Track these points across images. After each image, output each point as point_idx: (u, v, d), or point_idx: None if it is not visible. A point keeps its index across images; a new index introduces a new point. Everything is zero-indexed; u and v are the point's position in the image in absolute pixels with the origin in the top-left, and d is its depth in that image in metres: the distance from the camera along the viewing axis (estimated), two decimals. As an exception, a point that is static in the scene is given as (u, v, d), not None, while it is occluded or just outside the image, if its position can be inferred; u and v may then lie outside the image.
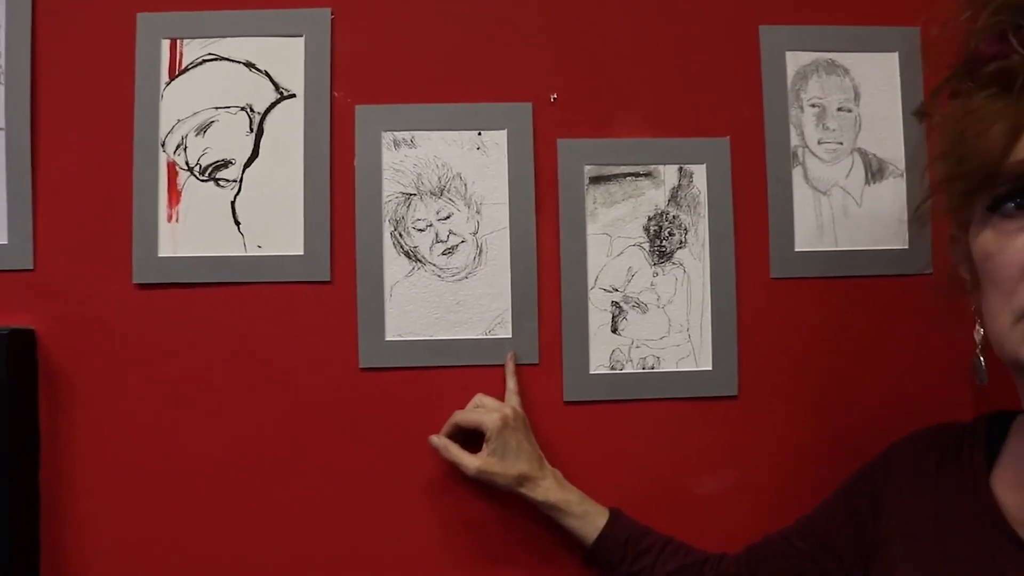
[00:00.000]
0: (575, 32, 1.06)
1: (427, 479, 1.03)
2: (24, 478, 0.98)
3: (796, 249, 1.05)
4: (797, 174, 1.06)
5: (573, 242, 1.04)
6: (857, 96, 1.07)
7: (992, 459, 0.74)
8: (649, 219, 1.05)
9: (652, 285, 1.05)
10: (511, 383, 1.01)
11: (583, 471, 1.02)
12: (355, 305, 1.03)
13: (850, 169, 1.06)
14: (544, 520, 1.00)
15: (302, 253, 1.02)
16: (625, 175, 1.05)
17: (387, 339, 1.03)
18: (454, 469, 0.99)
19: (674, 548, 0.96)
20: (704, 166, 1.05)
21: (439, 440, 0.98)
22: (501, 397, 1.01)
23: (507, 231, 1.04)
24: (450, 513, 1.03)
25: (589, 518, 0.96)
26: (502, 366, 1.03)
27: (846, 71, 1.06)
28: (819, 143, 1.06)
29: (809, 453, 1.04)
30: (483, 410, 0.98)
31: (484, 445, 0.95)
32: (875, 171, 1.06)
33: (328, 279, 1.03)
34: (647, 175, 1.05)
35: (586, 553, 0.97)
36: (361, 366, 1.02)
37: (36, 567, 0.99)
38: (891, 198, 1.06)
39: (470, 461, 0.95)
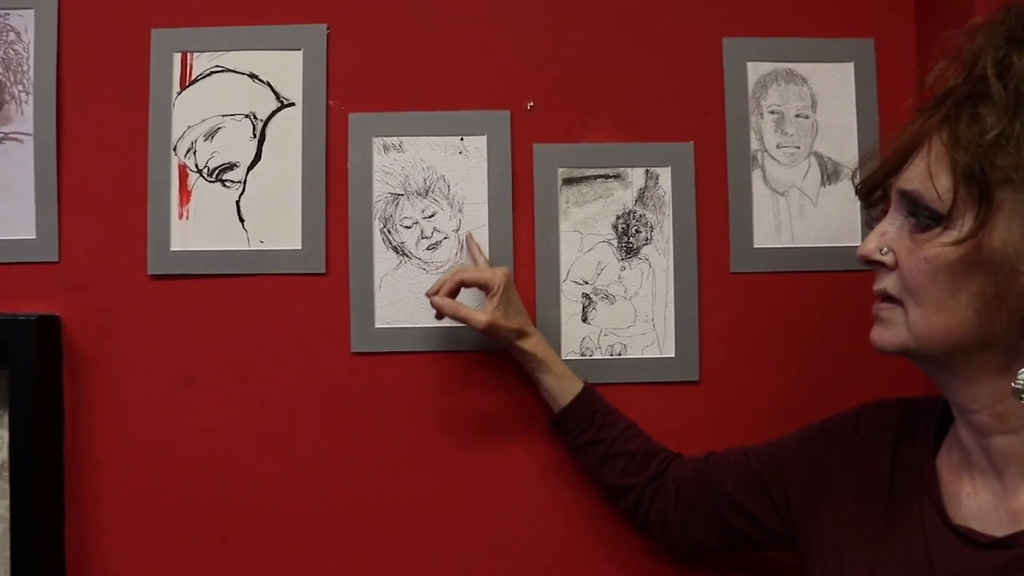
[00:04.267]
0: (551, 44, 1.12)
1: (412, 453, 1.09)
2: (49, 451, 1.06)
3: (755, 246, 1.10)
4: (756, 176, 1.11)
5: (547, 238, 1.10)
6: (814, 103, 1.12)
7: (942, 437, 0.78)
8: (618, 217, 1.10)
9: (620, 278, 1.10)
10: (480, 257, 1.06)
11: (555, 449, 1.09)
12: (348, 295, 1.09)
13: (807, 172, 1.11)
14: (530, 479, 1.07)
15: (300, 247, 1.09)
16: (596, 177, 1.10)
17: (376, 326, 1.09)
18: (439, 441, 1.07)
19: (637, 432, 1.02)
20: (669, 169, 1.10)
21: (445, 301, 0.97)
22: (481, 382, 1.09)
23: (486, 228, 1.09)
24: (436, 482, 1.09)
25: (567, 380, 1.02)
26: (481, 351, 1.09)
27: (804, 80, 1.12)
28: (777, 147, 1.11)
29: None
30: (486, 268, 1.02)
31: (488, 300, 0.98)
32: (830, 173, 1.11)
33: (323, 271, 1.09)
34: (616, 177, 1.10)
35: (556, 415, 1.03)
36: (352, 351, 1.09)
37: (60, 535, 1.07)
38: (845, 199, 1.11)
39: (480, 316, 0.97)
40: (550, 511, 1.09)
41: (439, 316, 1.00)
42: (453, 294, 1.01)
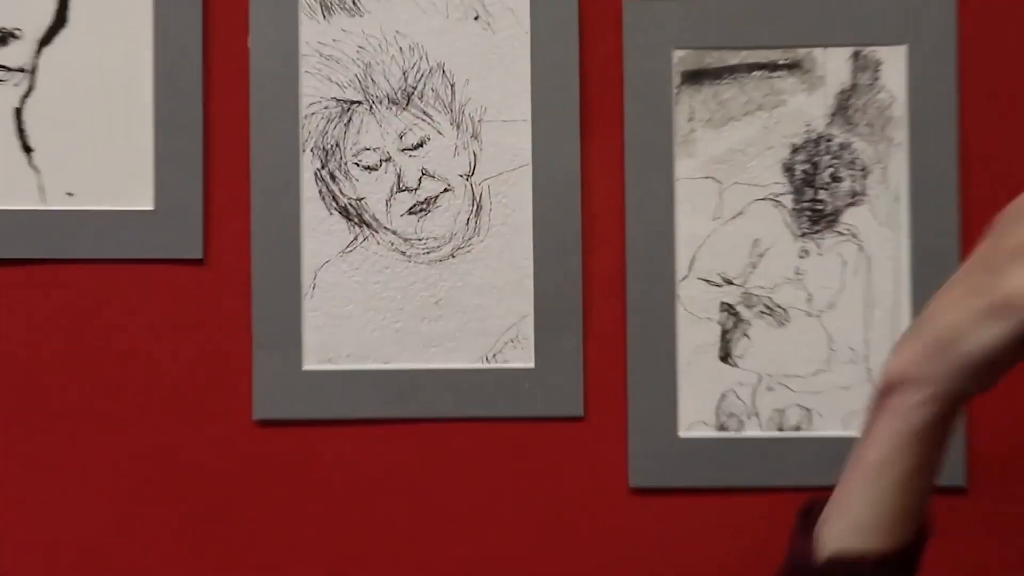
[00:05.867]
0: None
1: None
2: None
3: (1078, 207, 0.71)
4: (1084, 63, 0.73)
5: (650, 193, 0.75)
6: None
7: None
8: (794, 150, 0.76)
9: (799, 273, 0.76)
10: None
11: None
12: (248, 305, 0.74)
13: None
14: None
15: (151, 208, 0.75)
16: (749, 68, 0.76)
17: (305, 368, 0.75)
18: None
19: None
20: (904, 48, 0.75)
21: None
22: (502, 479, 0.77)
23: (529, 171, 0.75)
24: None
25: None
26: (520, 420, 0.74)
27: None
28: None
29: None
30: None
31: None
32: None
33: (199, 256, 0.75)
34: (790, 67, 0.76)
35: (853, 557, 0.67)
36: (255, 417, 0.75)
37: None
38: None
39: None
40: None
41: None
42: None
